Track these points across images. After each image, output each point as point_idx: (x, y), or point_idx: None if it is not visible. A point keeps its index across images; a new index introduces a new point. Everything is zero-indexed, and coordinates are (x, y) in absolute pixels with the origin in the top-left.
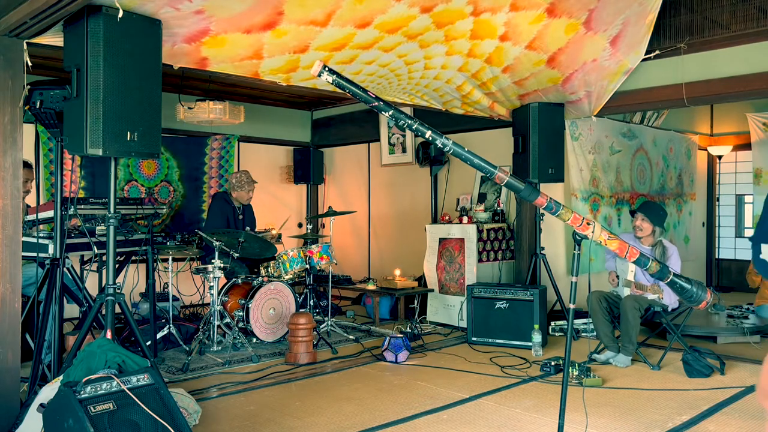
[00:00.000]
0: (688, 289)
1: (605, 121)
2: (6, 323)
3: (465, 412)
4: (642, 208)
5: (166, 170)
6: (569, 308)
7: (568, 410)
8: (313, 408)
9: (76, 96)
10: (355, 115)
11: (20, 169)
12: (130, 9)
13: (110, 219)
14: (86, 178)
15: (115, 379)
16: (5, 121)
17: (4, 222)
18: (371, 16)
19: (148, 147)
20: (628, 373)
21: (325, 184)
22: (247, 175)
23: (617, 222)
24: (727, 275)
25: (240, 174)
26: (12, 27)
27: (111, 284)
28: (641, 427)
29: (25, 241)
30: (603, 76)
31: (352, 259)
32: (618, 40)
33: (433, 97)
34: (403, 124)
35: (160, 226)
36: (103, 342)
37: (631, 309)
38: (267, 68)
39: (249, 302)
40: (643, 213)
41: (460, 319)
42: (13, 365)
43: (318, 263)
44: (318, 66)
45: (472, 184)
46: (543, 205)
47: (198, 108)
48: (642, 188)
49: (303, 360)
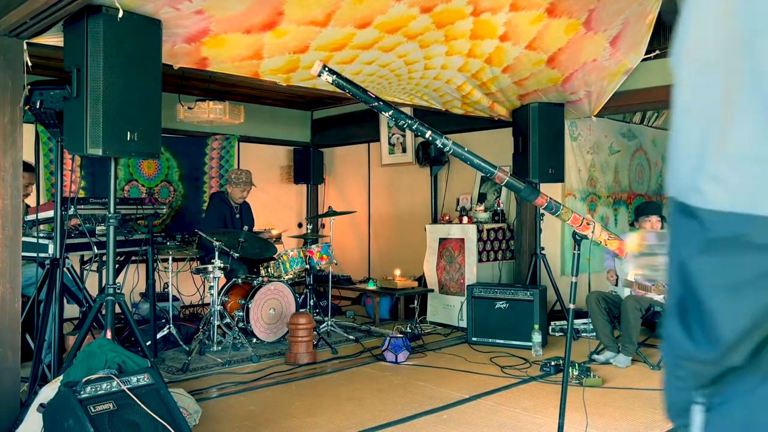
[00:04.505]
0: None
1: (605, 121)
2: (6, 323)
3: (465, 412)
4: (652, 210)
5: (166, 170)
6: (569, 308)
7: (568, 410)
8: (313, 408)
9: (76, 96)
10: (355, 115)
11: (20, 169)
12: (130, 9)
13: (110, 219)
14: (86, 178)
15: (115, 379)
16: (5, 121)
17: (4, 222)
18: (371, 17)
19: (148, 147)
20: (628, 373)
21: (325, 184)
22: (247, 176)
23: (614, 222)
24: None
25: (241, 172)
26: (12, 27)
27: (111, 284)
28: (641, 427)
29: (25, 241)
30: (603, 76)
31: (352, 259)
32: (618, 40)
33: (433, 97)
34: (403, 124)
35: (161, 226)
36: (103, 342)
37: (632, 310)
38: (267, 68)
39: (249, 302)
40: (658, 215)
41: (460, 319)
42: (13, 365)
43: (318, 263)
44: (318, 66)
45: (472, 184)
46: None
47: (198, 108)
48: (640, 188)
49: (303, 360)
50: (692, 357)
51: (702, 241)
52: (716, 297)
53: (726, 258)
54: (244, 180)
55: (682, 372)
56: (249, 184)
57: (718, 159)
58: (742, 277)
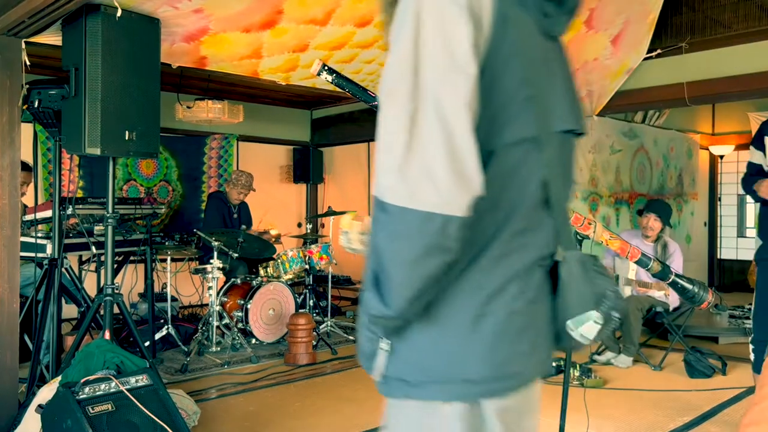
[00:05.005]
0: (689, 289)
1: (606, 120)
2: (4, 323)
3: None
4: (652, 208)
5: (164, 170)
6: None
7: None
8: (312, 409)
9: (75, 95)
10: (355, 115)
11: (18, 169)
12: (128, 8)
13: (108, 219)
14: (84, 178)
15: (113, 379)
16: (3, 120)
17: (2, 222)
18: (371, 15)
19: (146, 146)
20: (629, 373)
21: (325, 184)
22: (247, 179)
23: (615, 222)
24: (729, 275)
25: (241, 174)
26: (10, 26)
27: (109, 284)
28: (642, 428)
29: (23, 241)
30: (604, 75)
31: (351, 259)
32: (619, 39)
33: None
34: None
35: (159, 226)
36: (102, 342)
37: (633, 310)
38: (266, 67)
39: (248, 303)
40: (656, 213)
41: None
42: (12, 366)
43: (317, 263)
44: (317, 65)
45: None
46: None
47: (197, 107)
48: (641, 188)
49: (302, 361)
50: (383, 315)
51: (389, 229)
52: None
53: (403, 241)
54: (243, 183)
55: (374, 327)
56: (247, 187)
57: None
58: (413, 255)
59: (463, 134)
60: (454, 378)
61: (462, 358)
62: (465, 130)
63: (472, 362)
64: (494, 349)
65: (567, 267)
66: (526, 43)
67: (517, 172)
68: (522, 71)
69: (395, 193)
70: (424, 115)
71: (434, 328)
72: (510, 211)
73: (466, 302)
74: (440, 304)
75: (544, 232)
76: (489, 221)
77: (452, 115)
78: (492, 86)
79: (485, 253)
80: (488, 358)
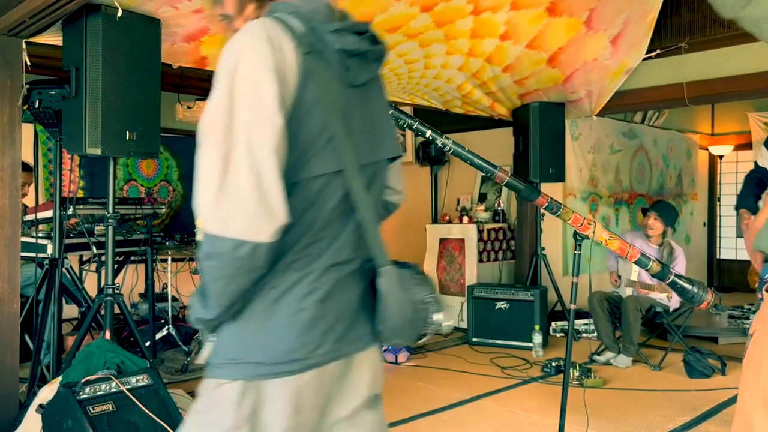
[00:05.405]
0: (689, 289)
1: (606, 120)
2: (5, 323)
3: (465, 413)
4: (655, 207)
5: (165, 170)
6: (570, 309)
7: (568, 411)
8: None
9: (75, 95)
10: None
11: (19, 169)
12: (129, 8)
13: (109, 219)
14: (85, 178)
15: (114, 379)
16: (4, 120)
17: (2, 222)
18: (371, 15)
19: (147, 146)
20: (629, 373)
21: None
22: None
23: (615, 222)
24: (728, 275)
25: None
26: (11, 26)
27: (110, 284)
28: (642, 428)
29: (23, 242)
30: (604, 75)
31: None
32: (619, 39)
33: (433, 96)
34: (403, 123)
35: (160, 226)
36: (102, 342)
37: (632, 310)
38: None
39: None
40: (656, 212)
41: (461, 319)
42: (12, 366)
43: None
44: None
45: (473, 184)
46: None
47: (197, 107)
48: (641, 188)
49: None
50: (204, 320)
51: (207, 251)
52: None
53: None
54: None
55: (199, 327)
56: None
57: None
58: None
59: (269, 173)
60: (246, 361)
61: (254, 346)
62: (271, 170)
63: (261, 349)
64: (282, 339)
65: (384, 279)
66: (328, 94)
67: (318, 197)
68: (323, 117)
69: (212, 223)
70: (235, 156)
71: (238, 321)
72: (307, 227)
73: (261, 300)
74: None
75: (340, 242)
76: (290, 236)
77: (261, 158)
78: (298, 131)
79: (281, 260)
80: (275, 346)
